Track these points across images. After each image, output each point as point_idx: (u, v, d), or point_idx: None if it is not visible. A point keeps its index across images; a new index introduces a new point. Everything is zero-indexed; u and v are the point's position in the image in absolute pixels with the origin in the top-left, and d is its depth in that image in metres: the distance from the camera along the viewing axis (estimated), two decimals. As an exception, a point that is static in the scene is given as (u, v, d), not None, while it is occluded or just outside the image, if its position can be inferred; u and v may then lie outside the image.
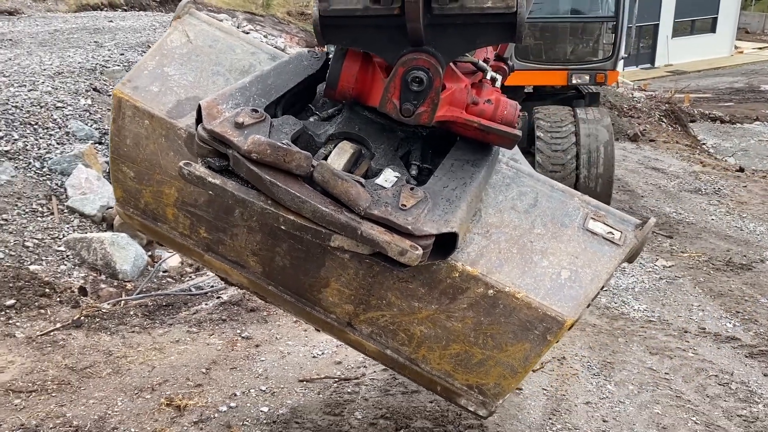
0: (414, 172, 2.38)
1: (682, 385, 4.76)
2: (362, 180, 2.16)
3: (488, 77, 2.44)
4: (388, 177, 2.25)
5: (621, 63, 9.81)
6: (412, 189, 2.18)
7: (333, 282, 2.56)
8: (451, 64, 2.25)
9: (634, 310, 6.24)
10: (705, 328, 5.83)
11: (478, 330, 2.35)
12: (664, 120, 17.31)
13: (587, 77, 8.68)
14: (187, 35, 2.87)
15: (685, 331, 5.76)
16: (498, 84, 2.49)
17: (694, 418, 4.29)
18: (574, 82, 8.73)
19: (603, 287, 2.34)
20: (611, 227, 2.39)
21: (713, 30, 36.38)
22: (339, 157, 2.30)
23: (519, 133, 2.34)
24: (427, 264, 2.28)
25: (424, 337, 2.47)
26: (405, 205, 2.11)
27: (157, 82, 2.69)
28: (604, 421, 4.20)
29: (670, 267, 7.50)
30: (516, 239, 2.38)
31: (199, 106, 2.23)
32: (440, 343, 2.45)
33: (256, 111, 2.23)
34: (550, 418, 4.15)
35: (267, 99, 2.41)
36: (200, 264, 3.00)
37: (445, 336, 2.43)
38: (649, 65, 34.45)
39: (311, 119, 2.50)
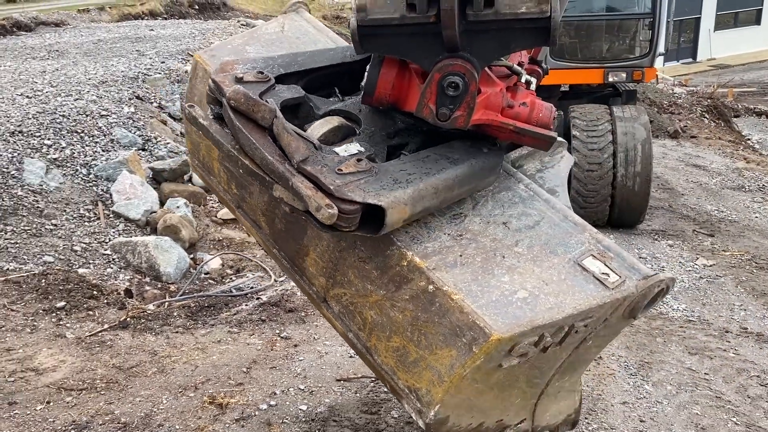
0: None
1: (723, 386, 4.71)
2: (316, 141, 2.23)
3: (523, 80, 2.46)
4: (348, 148, 2.29)
5: (660, 59, 9.68)
6: (359, 160, 2.18)
7: (311, 251, 2.57)
8: (486, 68, 2.29)
9: (673, 309, 6.17)
10: (747, 328, 5.74)
11: (414, 325, 2.20)
12: (707, 116, 16.94)
13: (624, 75, 8.58)
14: (282, 26, 3.16)
15: (726, 331, 5.67)
16: (533, 87, 2.51)
17: (734, 419, 4.24)
18: (610, 80, 8.64)
19: (570, 328, 2.10)
20: (611, 270, 2.16)
21: (758, 22, 35.39)
22: (321, 126, 2.38)
23: (555, 134, 2.36)
24: (383, 247, 2.28)
25: (373, 324, 2.35)
26: (342, 170, 2.12)
27: (233, 54, 2.92)
28: (641, 421, 4.18)
29: (711, 266, 7.38)
30: (487, 250, 2.26)
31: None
32: (385, 333, 2.32)
33: (262, 73, 2.42)
34: (585, 418, 4.15)
35: (285, 69, 2.55)
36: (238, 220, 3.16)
37: (388, 325, 2.30)
38: (690, 60, 33.72)
39: (331, 99, 2.62)
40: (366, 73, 2.38)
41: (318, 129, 2.37)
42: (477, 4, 2.05)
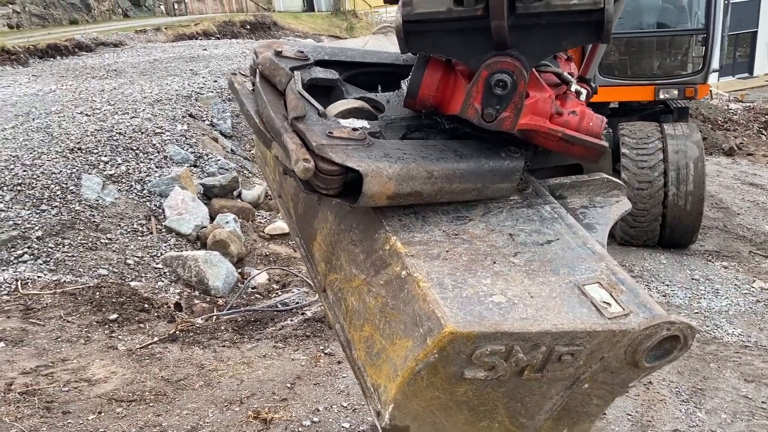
0: None
1: (780, 415, 4.52)
2: (320, 108, 2.18)
3: (573, 89, 2.36)
4: (354, 122, 2.22)
5: (714, 75, 9.44)
6: (355, 129, 2.11)
7: (318, 235, 2.49)
8: (535, 72, 2.22)
9: (728, 334, 5.96)
10: (807, 355, 5.51)
11: (383, 312, 2.03)
12: (764, 132, 16.40)
13: (675, 92, 8.40)
14: (366, 42, 3.25)
15: (785, 358, 5.46)
16: (583, 98, 2.41)
17: (792, 451, 4.07)
18: (661, 97, 8.47)
19: (549, 350, 1.84)
20: (616, 301, 1.90)
21: (819, 35, 34.18)
22: (341, 104, 2.35)
23: (606, 144, 2.24)
24: (373, 231, 2.17)
25: (352, 312, 2.20)
26: (332, 134, 2.05)
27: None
28: (693, 449, 4.06)
29: (768, 289, 7.11)
30: (479, 252, 2.06)
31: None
32: (359, 321, 2.15)
33: (302, 52, 2.45)
34: (634, 445, 4.05)
35: (329, 57, 2.58)
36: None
37: (363, 312, 2.13)
38: (747, 74, 32.74)
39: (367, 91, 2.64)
40: (410, 75, 2.31)
41: (337, 106, 2.34)
42: None
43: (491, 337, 1.80)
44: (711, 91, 13.26)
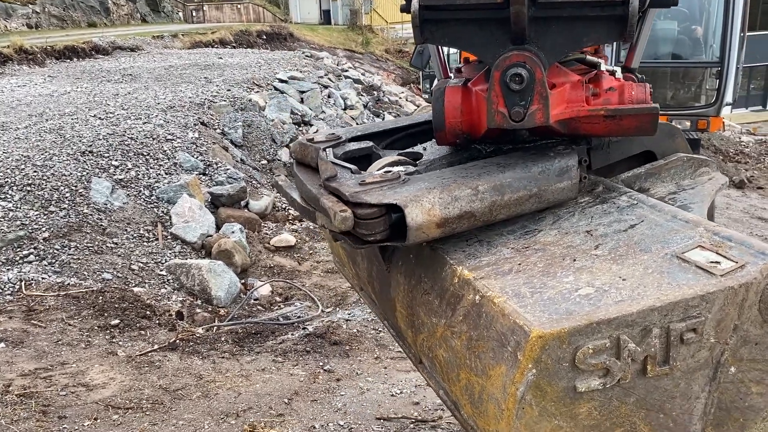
0: None
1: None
2: (354, 167, 2.16)
3: (603, 69, 2.19)
4: (388, 168, 2.20)
5: (727, 108, 9.43)
6: (387, 171, 2.07)
7: (397, 303, 2.31)
8: (557, 64, 2.11)
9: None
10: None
11: (470, 348, 1.80)
12: (775, 166, 16.35)
13: (688, 123, 8.41)
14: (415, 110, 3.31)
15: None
16: (618, 75, 2.22)
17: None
18: (673, 127, 8.47)
19: (664, 331, 1.58)
20: (724, 257, 1.67)
21: (834, 71, 34.15)
22: (379, 162, 2.32)
23: (656, 105, 2.05)
24: (439, 270, 2.02)
25: (445, 364, 1.97)
26: (365, 181, 1.99)
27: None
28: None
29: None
30: (555, 256, 1.87)
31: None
32: (454, 371, 1.91)
33: (333, 134, 2.49)
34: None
35: (361, 132, 2.61)
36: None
37: (454, 359, 1.90)
38: (760, 107, 32.70)
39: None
40: (432, 111, 2.23)
41: (375, 166, 2.31)
42: None
43: (587, 330, 1.53)
44: (723, 123, 13.24)
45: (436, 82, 2.44)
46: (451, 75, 2.57)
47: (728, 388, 1.73)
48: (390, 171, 2.09)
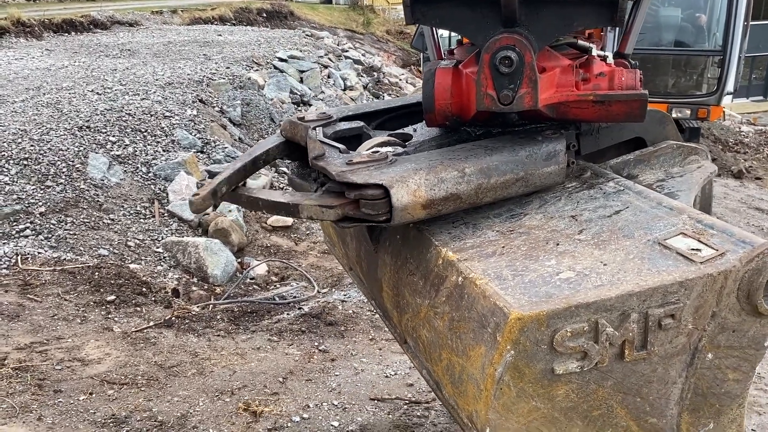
0: None
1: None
2: (342, 147, 2.18)
3: (594, 54, 2.19)
4: (376, 149, 2.22)
5: (728, 98, 9.40)
6: (376, 152, 2.07)
7: (384, 284, 2.36)
8: (548, 48, 2.09)
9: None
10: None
11: (452, 328, 1.82)
12: (774, 157, 16.35)
13: (688, 112, 8.39)
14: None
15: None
16: (610, 61, 2.23)
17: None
18: (673, 116, 8.45)
19: (642, 316, 1.59)
20: (706, 245, 1.68)
21: (835, 62, 34.03)
22: (368, 143, 2.34)
23: (645, 92, 2.06)
24: (425, 251, 2.04)
25: (428, 344, 2.00)
26: (352, 161, 2.01)
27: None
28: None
29: None
30: (539, 240, 1.89)
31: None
32: (436, 351, 1.94)
33: (324, 113, 2.49)
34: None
35: (353, 112, 2.62)
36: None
37: (436, 339, 1.93)
38: (761, 98, 32.63)
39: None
40: (422, 92, 2.24)
41: (364, 146, 2.32)
42: None
43: (565, 313, 1.55)
44: (724, 112, 13.20)
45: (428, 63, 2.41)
46: (445, 56, 2.56)
47: (705, 374, 1.74)
48: (378, 151, 2.10)
